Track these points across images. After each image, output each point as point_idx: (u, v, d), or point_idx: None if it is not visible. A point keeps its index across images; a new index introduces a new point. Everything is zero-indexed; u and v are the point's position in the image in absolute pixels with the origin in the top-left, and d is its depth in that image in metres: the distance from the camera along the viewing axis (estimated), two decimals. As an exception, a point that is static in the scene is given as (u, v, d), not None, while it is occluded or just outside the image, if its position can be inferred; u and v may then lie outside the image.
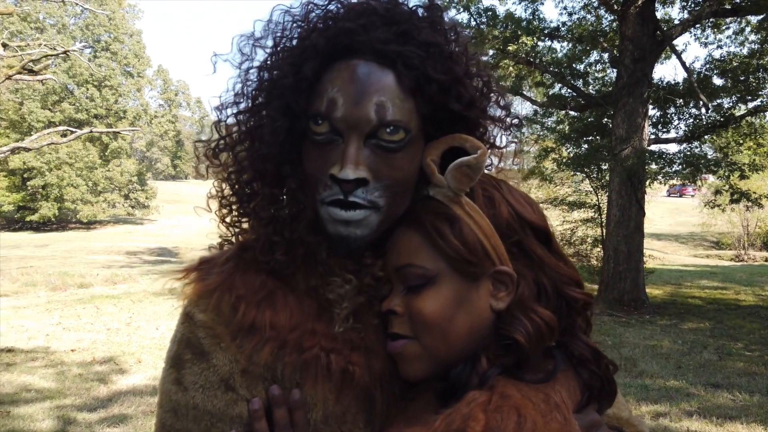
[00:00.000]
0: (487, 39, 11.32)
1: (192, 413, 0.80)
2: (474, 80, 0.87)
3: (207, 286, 0.84)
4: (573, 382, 0.78)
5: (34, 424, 4.48)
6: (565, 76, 12.45)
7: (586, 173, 12.94)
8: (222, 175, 0.89)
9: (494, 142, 0.95)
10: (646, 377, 6.07)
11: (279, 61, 0.83)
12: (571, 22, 12.57)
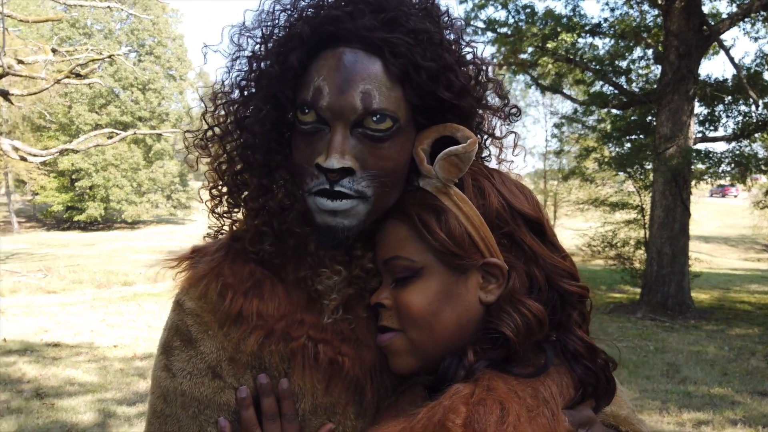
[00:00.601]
0: (525, 36, 11.15)
1: (180, 399, 0.81)
2: (467, 68, 0.84)
3: (196, 274, 0.84)
4: (566, 378, 0.75)
5: (76, 417, 4.61)
6: (606, 73, 12.16)
7: (629, 173, 12.62)
8: (213, 165, 0.88)
9: (493, 132, 0.92)
10: (689, 384, 5.86)
11: (267, 51, 0.82)
12: (614, 18, 12.28)
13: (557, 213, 22.50)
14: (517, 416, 0.65)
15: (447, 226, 0.77)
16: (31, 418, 4.52)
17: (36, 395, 5.13)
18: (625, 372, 6.33)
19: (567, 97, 14.35)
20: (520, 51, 11.78)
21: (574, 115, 14.02)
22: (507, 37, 11.97)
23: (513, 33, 11.85)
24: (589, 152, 14.17)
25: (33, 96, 17.30)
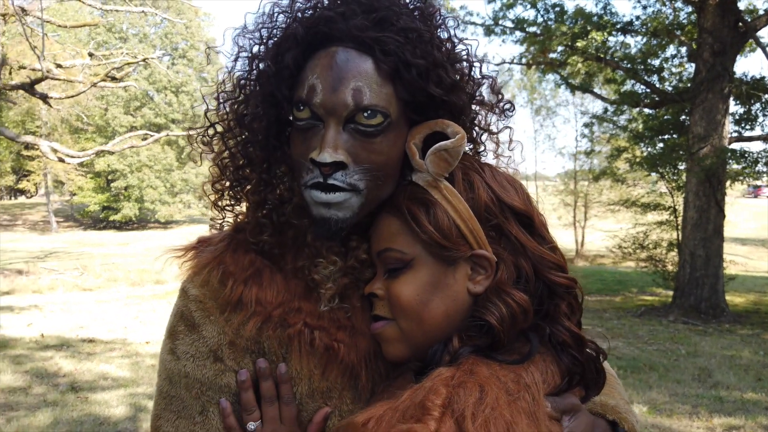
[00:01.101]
0: (554, 35, 11.04)
1: (184, 381, 0.85)
2: (459, 65, 0.87)
3: (200, 263, 0.88)
4: (552, 366, 0.77)
5: (109, 410, 4.75)
6: (638, 72, 11.94)
7: (661, 173, 12.37)
8: (216, 161, 0.92)
9: (489, 127, 0.94)
10: (721, 389, 5.73)
11: (265, 51, 0.86)
12: (646, 16, 12.05)
13: (587, 214, 22.14)
14: (495, 398, 0.67)
15: (435, 219, 0.80)
16: (66, 411, 4.67)
17: (71, 389, 5.30)
18: (655, 375, 6.23)
19: (597, 96, 14.13)
20: (550, 50, 11.67)
21: (604, 114, 13.79)
22: (536, 37, 11.87)
23: (542, 32, 11.74)
24: (620, 152, 13.94)
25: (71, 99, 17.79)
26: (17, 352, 6.60)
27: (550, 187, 24.45)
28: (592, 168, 20.16)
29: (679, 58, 12.49)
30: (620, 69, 12.10)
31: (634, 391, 5.57)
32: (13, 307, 10.08)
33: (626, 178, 14.46)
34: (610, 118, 13.53)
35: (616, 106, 13.09)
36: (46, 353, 6.62)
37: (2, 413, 4.58)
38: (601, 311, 10.87)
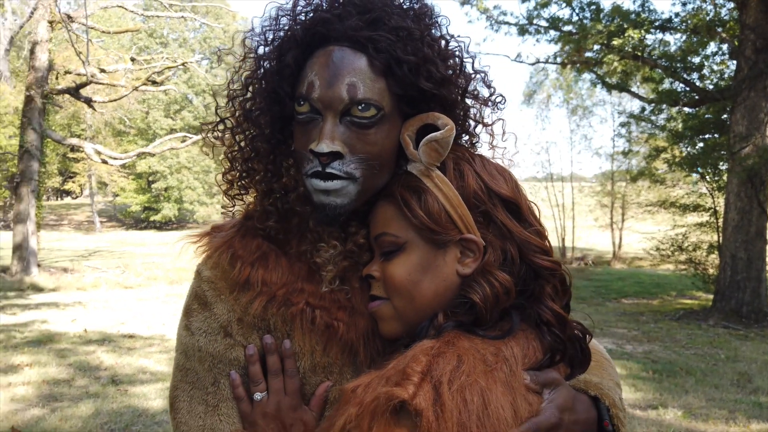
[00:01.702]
0: (590, 34, 10.89)
1: (197, 354, 0.92)
2: (450, 61, 0.91)
3: (212, 247, 0.96)
4: (535, 343, 0.81)
5: (147, 402, 4.91)
6: (677, 70, 11.67)
7: (702, 174, 12.06)
8: (226, 154, 0.99)
9: (482, 119, 0.99)
10: (761, 394, 5.58)
11: (269, 52, 0.92)
12: (686, 13, 11.77)
13: (625, 215, 21.69)
14: (472, 367, 0.71)
15: (426, 205, 0.85)
16: (107, 403, 4.86)
17: (112, 382, 5.50)
18: (692, 380, 6.10)
19: (635, 95, 13.85)
20: (585, 49, 11.51)
21: (641, 113, 13.51)
22: (571, 35, 11.72)
23: (577, 31, 11.59)
24: (659, 152, 13.64)
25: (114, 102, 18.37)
26: (62, 346, 6.87)
27: (586, 188, 24.04)
28: (630, 169, 19.77)
29: (720, 56, 12.17)
30: (658, 67, 11.85)
31: (669, 396, 5.47)
32: (59, 304, 10.48)
33: (665, 178, 14.13)
34: (648, 118, 13.24)
35: (654, 105, 12.82)
36: (88, 347, 6.88)
37: (47, 404, 4.79)
38: (638, 314, 10.66)
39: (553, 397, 0.79)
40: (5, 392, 5.04)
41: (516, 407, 0.72)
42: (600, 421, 0.87)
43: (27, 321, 8.62)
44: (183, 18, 20.25)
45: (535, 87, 22.78)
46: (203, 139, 1.02)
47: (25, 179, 13.85)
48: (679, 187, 14.51)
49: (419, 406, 0.67)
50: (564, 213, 22.46)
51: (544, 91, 23.05)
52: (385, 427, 0.68)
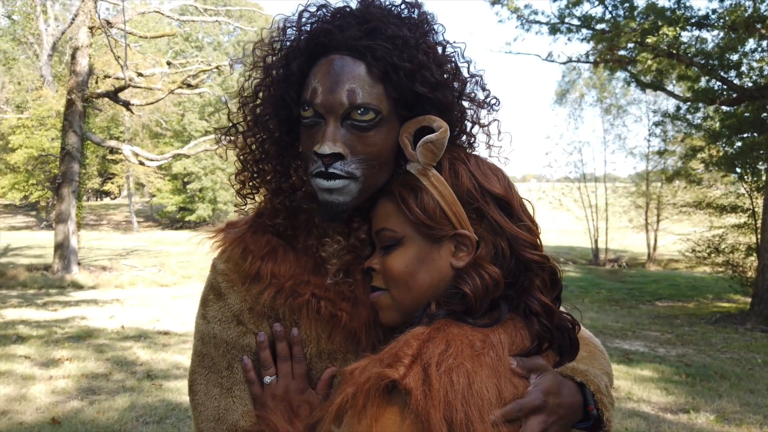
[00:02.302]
0: (623, 32, 10.72)
1: (213, 341, 1.00)
2: (446, 66, 0.96)
3: (226, 242, 1.03)
4: (523, 332, 0.86)
5: (180, 397, 5.06)
6: (714, 67, 11.39)
7: (740, 174, 11.75)
8: (239, 156, 1.06)
9: (479, 120, 1.03)
10: (799, 400, 5.43)
11: (276, 61, 0.98)
12: (723, 9, 11.48)
13: (660, 216, 21.23)
14: (460, 351, 0.76)
15: (422, 202, 0.90)
16: (142, 396, 5.02)
17: (147, 376, 5.67)
18: (726, 384, 5.98)
19: (670, 94, 13.56)
20: (618, 47, 11.33)
21: (677, 112, 13.23)
22: (604, 34, 11.56)
23: (610, 29, 11.42)
24: (695, 152, 13.34)
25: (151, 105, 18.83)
26: (100, 342, 7.12)
27: (620, 189, 23.61)
28: (666, 169, 19.36)
29: (760, 53, 11.83)
30: (694, 65, 11.59)
31: (702, 400, 5.38)
32: (98, 301, 10.83)
33: (702, 178, 13.82)
34: (684, 117, 12.97)
35: (691, 104, 12.54)
36: (125, 343, 7.10)
37: (86, 396, 4.98)
38: (673, 318, 10.46)
39: (539, 381, 0.83)
40: (46, 385, 5.26)
41: (500, 389, 0.77)
42: (586, 405, 0.91)
43: (67, 317, 8.93)
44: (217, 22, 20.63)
45: (567, 86, 22.52)
46: (217, 142, 1.08)
47: (67, 180, 14.32)
48: (716, 187, 14.18)
49: (409, 385, 0.72)
50: (597, 214, 22.14)
51: (577, 90, 22.76)
52: (378, 405, 0.73)
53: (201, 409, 0.99)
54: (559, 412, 0.84)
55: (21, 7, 34.14)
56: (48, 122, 28.10)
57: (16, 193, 31.98)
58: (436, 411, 0.70)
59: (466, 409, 0.72)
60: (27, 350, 6.56)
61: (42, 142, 28.59)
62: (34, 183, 31.52)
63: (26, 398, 4.88)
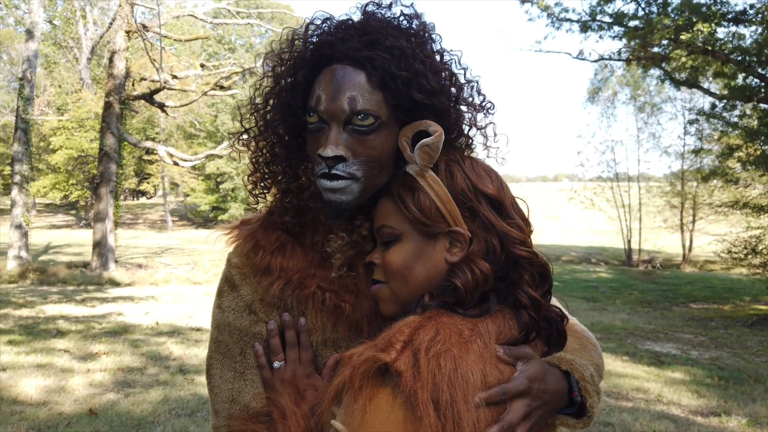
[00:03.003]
0: (656, 29, 10.53)
1: (227, 329, 1.07)
2: (441, 74, 1.02)
3: (239, 238, 1.11)
4: (511, 322, 0.90)
5: (211, 392, 5.20)
6: (751, 64, 11.09)
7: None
8: (251, 158, 1.13)
9: (476, 123, 1.09)
10: (836, 406, 5.28)
11: (284, 71, 1.06)
12: (761, 4, 11.17)
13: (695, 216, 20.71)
14: (448, 338, 0.82)
15: (418, 201, 0.95)
16: (175, 390, 5.18)
17: (180, 371, 5.84)
18: (761, 388, 5.85)
19: (705, 91, 13.26)
20: (651, 44, 11.13)
21: (712, 110, 12.91)
22: (636, 31, 11.37)
23: (643, 26, 11.23)
24: (732, 150, 13.01)
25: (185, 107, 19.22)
26: (135, 337, 7.34)
27: (654, 188, 23.10)
28: (701, 168, 18.91)
29: (800, 48, 11.46)
30: (731, 62, 11.31)
31: (735, 403, 5.28)
32: (134, 297, 11.14)
33: (739, 178, 13.47)
34: (720, 115, 12.66)
35: (727, 102, 12.23)
36: (159, 339, 7.30)
37: (121, 389, 5.16)
38: (707, 320, 10.24)
39: (525, 368, 0.88)
40: (84, 378, 5.46)
41: (485, 374, 0.82)
42: (571, 392, 0.95)
43: (105, 313, 9.23)
44: (249, 24, 20.95)
45: (600, 84, 22.16)
46: (231, 146, 1.16)
47: (104, 180, 14.74)
48: (754, 187, 13.79)
49: (399, 368, 0.78)
50: (630, 214, 21.75)
51: (610, 88, 22.39)
52: (372, 386, 0.79)
53: (216, 391, 1.07)
54: (543, 397, 0.89)
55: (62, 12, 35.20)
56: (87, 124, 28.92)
57: (56, 193, 33.03)
58: (424, 392, 0.76)
59: (451, 391, 0.77)
60: (66, 344, 6.82)
61: (81, 143, 29.44)
62: (73, 183, 32.50)
63: (65, 390, 5.09)
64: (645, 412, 4.97)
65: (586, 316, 9.87)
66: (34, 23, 15.40)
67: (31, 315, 8.85)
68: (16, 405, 4.65)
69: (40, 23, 15.94)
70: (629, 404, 5.19)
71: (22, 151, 14.63)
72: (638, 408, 5.08)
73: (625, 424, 4.60)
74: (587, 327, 1.19)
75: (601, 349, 1.14)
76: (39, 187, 31.92)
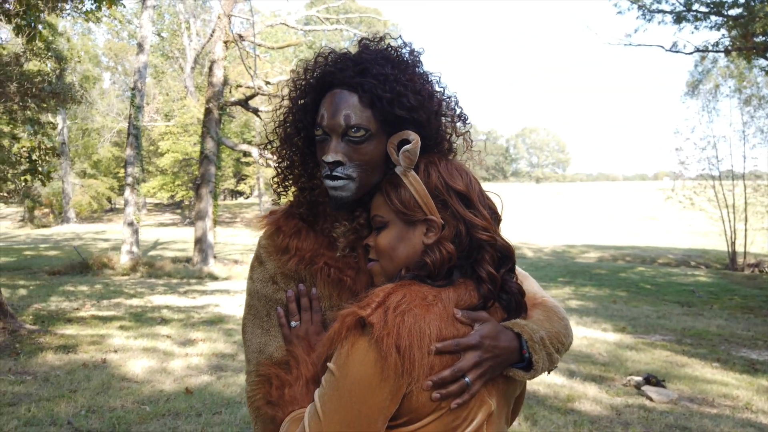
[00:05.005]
0: (758, 17, 9.89)
1: (256, 296, 1.34)
2: (420, 93, 1.22)
3: (267, 224, 1.37)
4: (473, 293, 1.10)
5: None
6: None
7: None
8: (275, 164, 1.39)
9: (456, 131, 1.31)
10: None
11: (297, 95, 1.31)
12: None
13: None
14: (413, 300, 1.02)
15: (400, 195, 1.16)
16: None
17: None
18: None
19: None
20: (753, 34, 10.46)
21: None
22: (736, 20, 10.73)
23: (744, 14, 10.58)
24: None
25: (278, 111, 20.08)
26: (229, 327, 7.92)
27: (762, 187, 21.42)
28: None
29: None
30: None
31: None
32: (230, 291, 11.93)
33: None
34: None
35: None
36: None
37: (215, 372, 5.65)
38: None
39: (480, 328, 1.07)
40: (183, 361, 6.03)
41: (441, 329, 1.02)
42: (521, 350, 1.13)
43: (203, 304, 10.01)
44: (339, 30, 21.62)
45: (700, 76, 20.85)
46: (260, 155, 1.41)
47: (204, 181, 15.82)
48: None
49: (372, 320, 0.99)
50: (735, 215, 20.34)
51: (711, 81, 21.00)
52: (354, 335, 1.01)
53: (248, 344, 1.34)
54: (494, 351, 1.07)
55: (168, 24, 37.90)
56: (191, 129, 30.99)
57: (164, 193, 35.65)
58: (389, 338, 0.97)
59: (410, 339, 0.98)
60: (169, 331, 7.52)
61: (186, 147, 31.60)
62: (179, 184, 34.94)
63: (166, 371, 5.65)
64: (729, 419, 4.79)
65: (678, 321, 9.46)
66: (143, 37, 16.82)
67: (140, 304, 9.78)
68: (124, 381, 5.25)
69: (149, 37, 17.35)
70: (713, 410, 5.02)
71: (133, 155, 16.02)
72: (722, 415, 4.90)
73: (705, 429, 4.48)
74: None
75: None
76: (148, 188, 34.61)
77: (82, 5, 8.11)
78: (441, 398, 1.02)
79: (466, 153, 1.33)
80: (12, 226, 35.79)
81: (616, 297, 12.31)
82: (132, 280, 13.61)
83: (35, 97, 8.38)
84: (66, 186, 35.98)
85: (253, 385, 1.30)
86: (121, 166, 36.59)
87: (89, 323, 7.86)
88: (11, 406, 4.48)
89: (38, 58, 9.44)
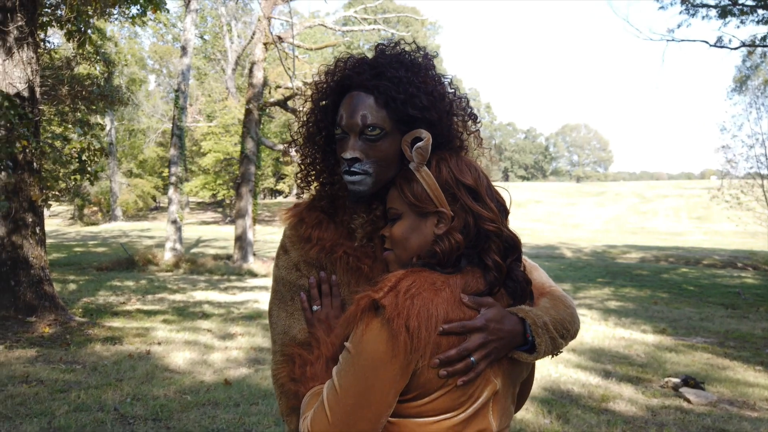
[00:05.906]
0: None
1: (281, 281, 1.42)
2: (432, 94, 1.29)
3: (291, 215, 1.46)
4: (480, 279, 1.17)
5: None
6: None
7: None
8: (299, 161, 1.47)
9: (467, 129, 1.37)
10: None
11: (319, 97, 1.39)
12: None
13: None
14: (422, 284, 1.10)
15: (413, 189, 1.23)
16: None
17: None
18: None
19: None
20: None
21: None
22: (785, 13, 10.36)
23: None
24: None
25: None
26: (267, 322, 8.09)
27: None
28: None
29: None
30: None
31: None
32: (268, 287, 12.12)
33: None
34: None
35: None
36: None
37: (252, 365, 5.82)
38: None
39: (486, 312, 1.14)
40: (223, 353, 6.23)
41: (448, 312, 1.10)
42: (525, 334, 1.19)
43: (243, 300, 10.26)
44: (377, 29, 21.76)
45: (749, 72, 20.15)
46: (285, 153, 1.50)
47: (245, 180, 16.17)
48: None
49: (384, 302, 1.07)
50: (787, 214, 19.59)
51: (760, 76, 20.26)
52: (368, 316, 1.09)
53: (274, 326, 1.43)
54: (498, 334, 1.14)
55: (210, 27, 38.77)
56: (232, 129, 31.65)
57: (206, 192, 36.53)
58: (399, 319, 1.05)
59: (418, 320, 1.06)
60: (210, 325, 7.76)
61: (227, 146, 32.30)
62: (220, 183, 35.74)
63: (206, 363, 5.86)
64: (764, 420, 4.68)
65: (721, 324, 9.20)
66: (187, 40, 17.29)
67: (183, 299, 10.10)
68: (167, 372, 5.46)
69: (192, 40, 17.82)
70: (754, 414, 4.91)
71: (177, 155, 16.51)
72: (763, 418, 4.79)
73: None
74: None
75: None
76: (191, 187, 35.53)
77: (129, 10, 8.44)
78: (447, 375, 1.09)
79: (477, 150, 1.39)
80: (63, 223, 37.31)
81: (657, 298, 12.05)
82: (175, 276, 14.03)
83: (85, 99, 8.77)
84: (113, 185, 37.26)
85: (278, 364, 1.39)
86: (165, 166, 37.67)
87: (134, 317, 8.19)
88: (62, 392, 4.73)
89: (88, 62, 9.87)
